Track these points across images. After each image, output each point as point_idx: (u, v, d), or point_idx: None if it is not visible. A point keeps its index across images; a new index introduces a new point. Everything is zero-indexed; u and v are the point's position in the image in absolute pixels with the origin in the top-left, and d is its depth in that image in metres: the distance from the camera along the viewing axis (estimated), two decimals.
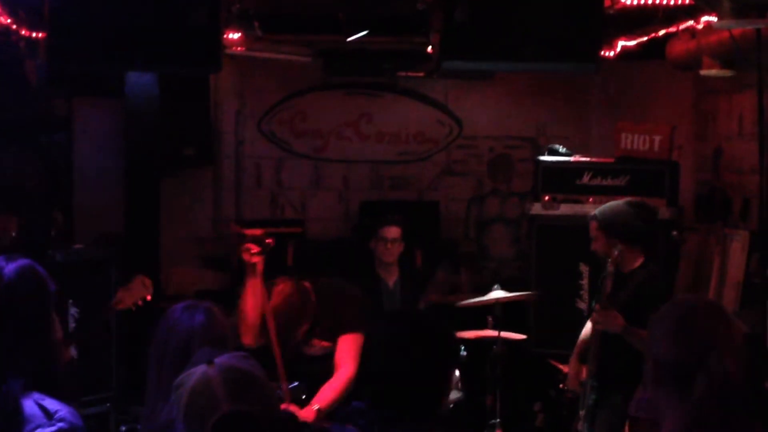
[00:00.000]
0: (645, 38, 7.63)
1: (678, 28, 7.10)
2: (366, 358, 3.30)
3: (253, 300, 5.24)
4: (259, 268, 5.22)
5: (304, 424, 4.85)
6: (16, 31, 7.12)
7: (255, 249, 5.20)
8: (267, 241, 5.23)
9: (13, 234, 5.50)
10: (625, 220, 5.83)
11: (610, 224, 5.84)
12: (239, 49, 8.21)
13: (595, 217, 5.94)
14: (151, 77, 7.97)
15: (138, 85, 7.98)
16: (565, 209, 7.75)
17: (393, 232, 6.70)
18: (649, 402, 2.76)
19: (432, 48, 6.46)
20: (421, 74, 9.48)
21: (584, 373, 5.94)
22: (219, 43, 6.02)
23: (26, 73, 7.93)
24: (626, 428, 5.43)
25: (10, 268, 3.21)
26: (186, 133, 8.73)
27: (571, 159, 7.95)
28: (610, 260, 5.80)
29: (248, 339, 5.30)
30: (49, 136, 8.34)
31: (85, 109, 8.87)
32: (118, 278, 7.08)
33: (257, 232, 5.27)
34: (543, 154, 8.17)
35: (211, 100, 9.11)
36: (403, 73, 9.55)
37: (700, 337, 2.60)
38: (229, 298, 7.81)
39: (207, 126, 8.96)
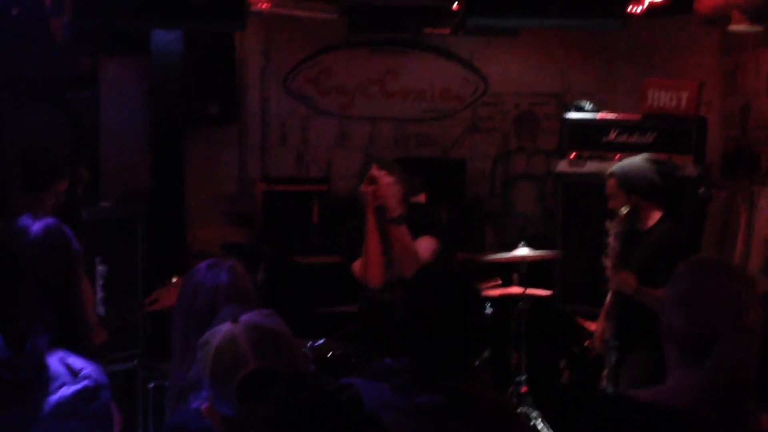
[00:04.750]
0: None
1: None
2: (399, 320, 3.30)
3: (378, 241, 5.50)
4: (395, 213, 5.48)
5: (331, 376, 4.90)
6: None
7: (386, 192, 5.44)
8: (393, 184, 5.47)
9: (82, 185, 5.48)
10: (644, 175, 5.80)
11: (628, 180, 5.81)
12: (264, 6, 8.18)
13: (613, 174, 5.90)
14: (177, 34, 7.96)
15: (163, 42, 7.97)
16: (591, 166, 7.71)
17: (422, 199, 6.66)
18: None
19: (457, 4, 6.41)
20: (447, 31, 9.41)
21: (608, 332, 5.93)
22: (244, 0, 6.02)
23: (52, 29, 7.92)
24: None
25: (37, 226, 3.25)
26: (211, 90, 8.72)
27: (598, 116, 7.90)
28: (617, 219, 5.78)
29: (376, 281, 5.56)
30: (74, 94, 8.33)
31: (111, 66, 8.86)
32: (144, 235, 7.10)
33: (389, 178, 5.46)
34: (569, 111, 8.13)
35: (237, 57, 9.08)
36: (428, 30, 9.49)
37: (711, 313, 2.53)
38: (255, 252, 7.86)
39: (232, 83, 8.94)
